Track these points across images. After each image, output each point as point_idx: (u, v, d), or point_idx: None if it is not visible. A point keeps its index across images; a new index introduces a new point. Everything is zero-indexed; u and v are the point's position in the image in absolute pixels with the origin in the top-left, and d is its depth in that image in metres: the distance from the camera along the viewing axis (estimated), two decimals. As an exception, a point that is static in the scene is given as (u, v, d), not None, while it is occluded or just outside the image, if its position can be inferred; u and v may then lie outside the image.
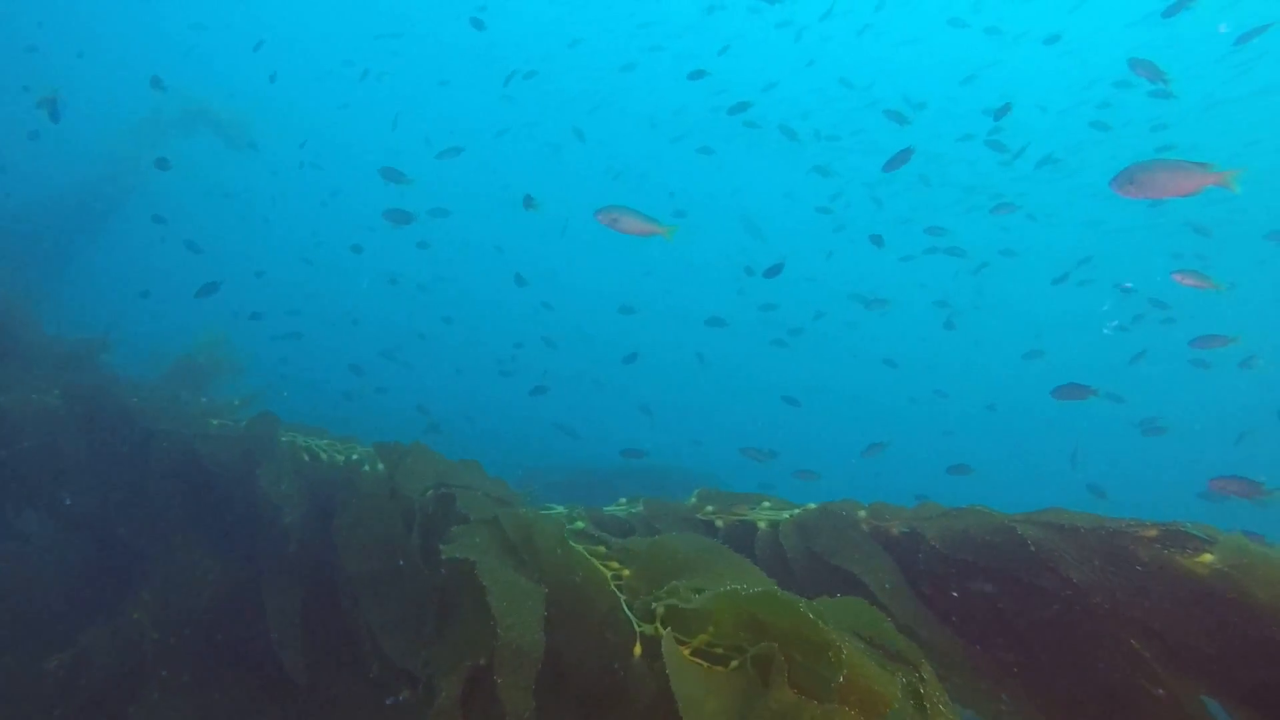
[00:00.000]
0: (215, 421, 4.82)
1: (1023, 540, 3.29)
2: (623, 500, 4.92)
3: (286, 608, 3.86)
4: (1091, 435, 26.29)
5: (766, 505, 4.38)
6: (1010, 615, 3.34)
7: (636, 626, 2.67)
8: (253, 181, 28.16)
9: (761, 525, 4.16)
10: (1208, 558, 2.90)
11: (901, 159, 7.03)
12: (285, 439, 4.60)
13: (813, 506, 4.16)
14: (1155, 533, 3.08)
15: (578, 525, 3.42)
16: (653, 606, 2.60)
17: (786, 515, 4.15)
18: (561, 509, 4.55)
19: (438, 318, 25.62)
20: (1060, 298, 24.95)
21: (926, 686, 1.98)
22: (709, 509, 4.45)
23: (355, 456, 4.59)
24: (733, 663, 2.14)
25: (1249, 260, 23.08)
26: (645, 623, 2.73)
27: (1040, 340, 27.65)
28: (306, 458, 4.69)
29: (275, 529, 4.12)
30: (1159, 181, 5.23)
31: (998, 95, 15.98)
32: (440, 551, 3.12)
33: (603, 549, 3.40)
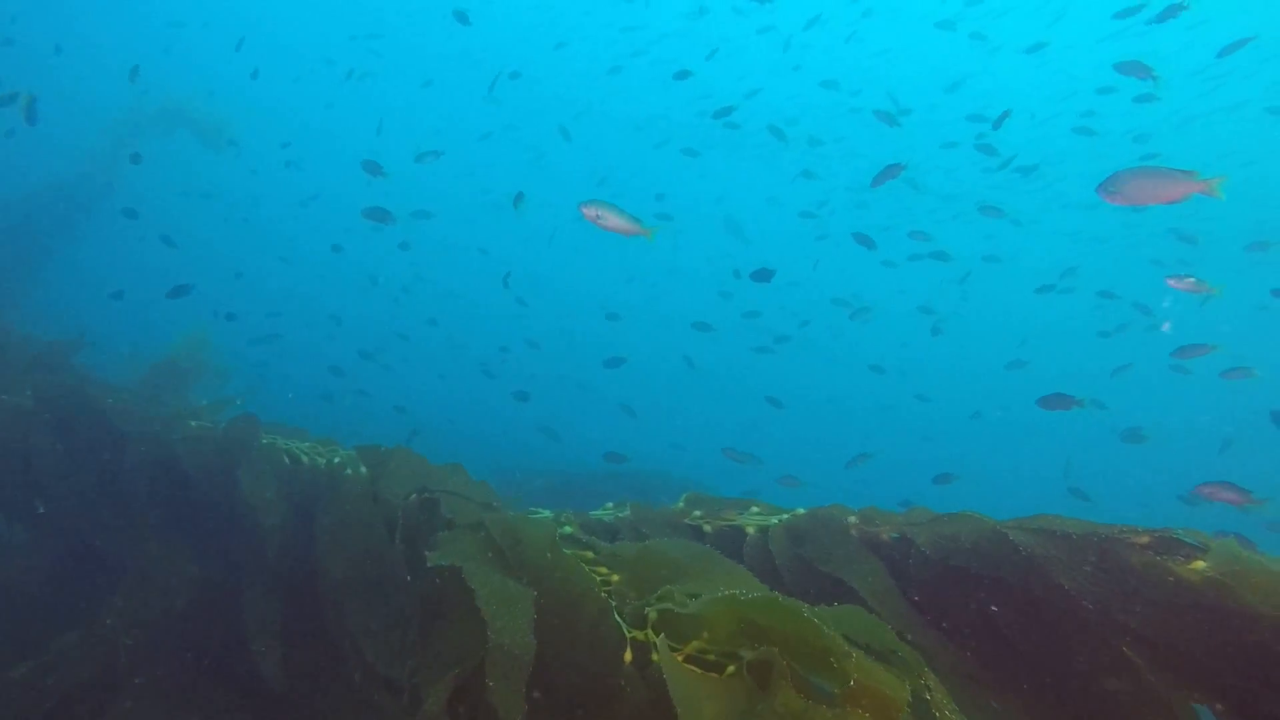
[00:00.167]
0: (194, 423, 4.71)
1: (1014, 546, 3.27)
2: (609, 505, 4.87)
3: (266, 613, 3.77)
4: (1073, 439, 26.51)
5: (755, 510, 4.34)
6: (1001, 621, 3.32)
7: (627, 632, 2.63)
8: (232, 181, 27.85)
9: (750, 530, 4.12)
10: (1200, 564, 2.89)
11: (889, 174, 7.06)
12: (266, 441, 4.50)
13: (802, 511, 4.13)
14: (1147, 539, 3.07)
15: (565, 530, 3.36)
16: (645, 611, 2.55)
17: (775, 520, 4.11)
18: (548, 513, 4.49)
19: (419, 319, 25.43)
20: (1044, 305, 25.21)
21: (933, 694, 1.94)
22: (697, 514, 4.41)
23: (337, 459, 4.50)
24: (729, 668, 2.10)
25: (1229, 271, 23.39)
26: (635, 628, 2.68)
27: (1024, 347, 27.94)
28: (287, 460, 4.60)
29: (255, 532, 4.03)
30: (1145, 188, 5.25)
31: (981, 103, 16.13)
32: (424, 557, 3.06)
33: (590, 554, 3.35)
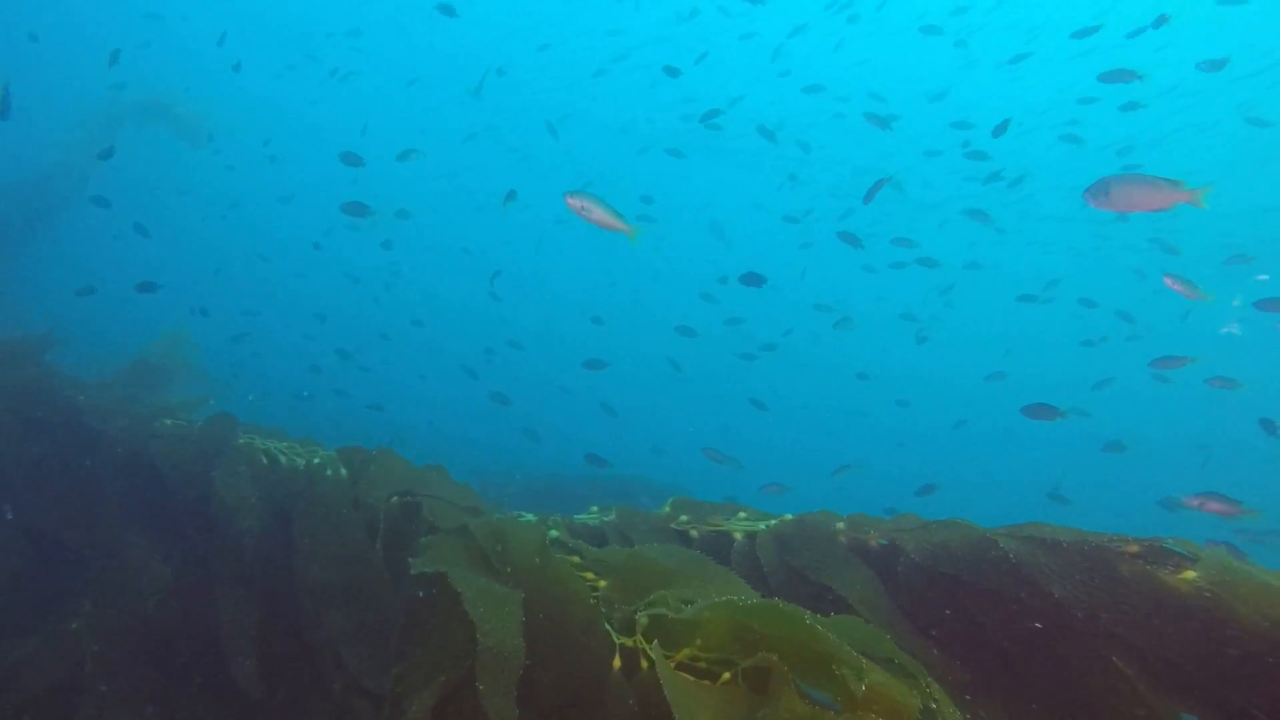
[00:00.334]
0: (169, 421, 4.60)
1: (1004, 554, 3.25)
2: (594, 508, 4.81)
3: (241, 617, 3.67)
4: (1054, 446, 26.74)
5: (742, 516, 4.30)
6: (990, 630, 3.29)
7: (616, 639, 2.57)
8: (211, 177, 27.45)
9: (738, 536, 4.08)
10: (1190, 574, 2.88)
11: (879, 187, 7.12)
12: (243, 440, 4.40)
13: (790, 518, 4.09)
14: (1137, 548, 3.06)
15: (552, 534, 3.29)
16: (636, 617, 2.50)
17: (763, 526, 4.07)
18: (531, 517, 4.42)
19: (400, 318, 25.23)
20: (1027, 314, 25.38)
21: (939, 703, 1.90)
22: (683, 518, 4.36)
23: (317, 460, 4.40)
24: (724, 675, 2.06)
25: (1209, 283, 23.68)
26: (624, 635, 2.63)
27: (1006, 354, 28.15)
28: (265, 460, 4.50)
29: (231, 534, 3.93)
30: (1131, 195, 5.28)
31: (964, 112, 16.24)
32: (407, 562, 2.99)
33: (577, 559, 3.29)
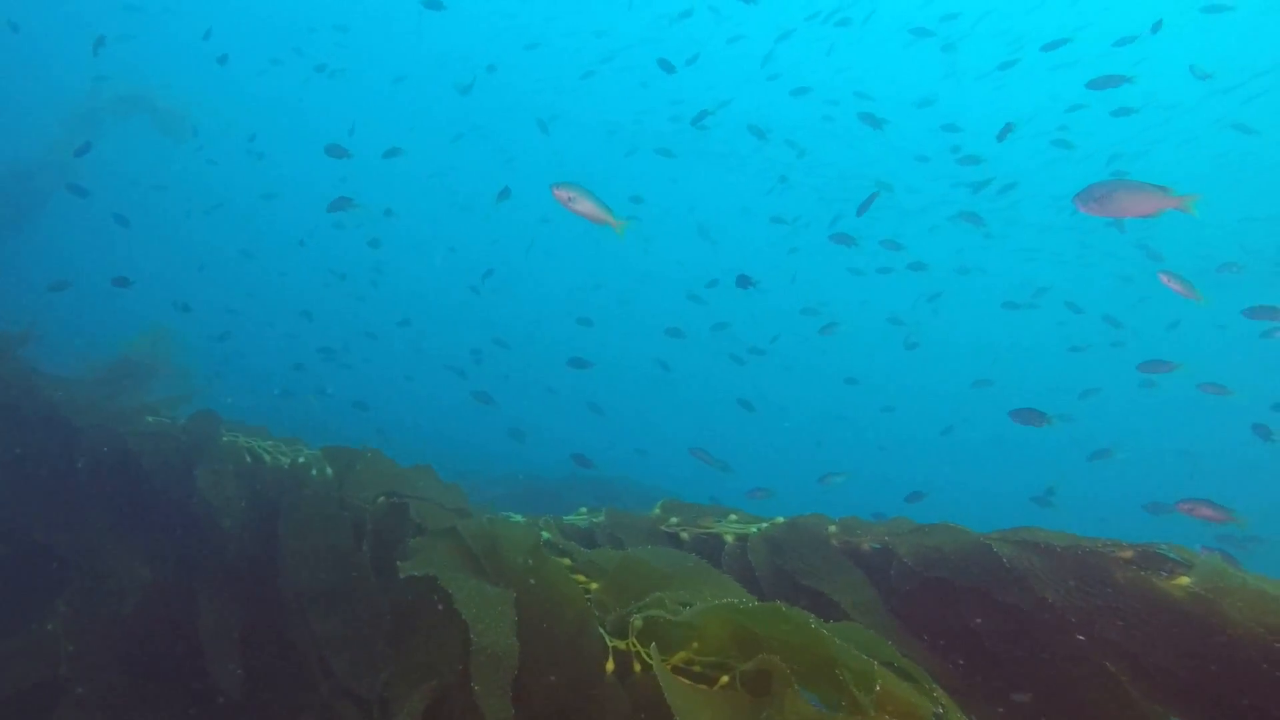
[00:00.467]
0: (150, 419, 4.51)
1: (997, 558, 3.23)
2: (583, 510, 4.77)
3: (223, 619, 3.59)
4: (1039, 450, 26.93)
5: (733, 519, 4.27)
6: (983, 634, 3.28)
7: (609, 642, 2.54)
8: (193, 172, 27.12)
9: (729, 539, 4.05)
10: (1184, 580, 2.87)
11: (872, 200, 7.18)
12: (227, 438, 4.32)
13: (781, 520, 4.07)
14: (1131, 554, 3.05)
15: (543, 535, 3.24)
16: (629, 620, 2.46)
17: (755, 529, 4.05)
18: (520, 518, 4.37)
19: (385, 316, 24.98)
20: (1013, 321, 25.59)
21: (947, 710, 1.88)
22: (673, 520, 4.33)
23: (302, 460, 4.33)
24: (722, 679, 2.04)
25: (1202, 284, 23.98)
26: (616, 638, 2.59)
27: (994, 361, 28.35)
28: (249, 459, 4.42)
29: (213, 533, 3.85)
30: (1120, 201, 5.29)
31: (951, 119, 16.32)
32: (394, 564, 2.94)
33: (568, 561, 3.25)
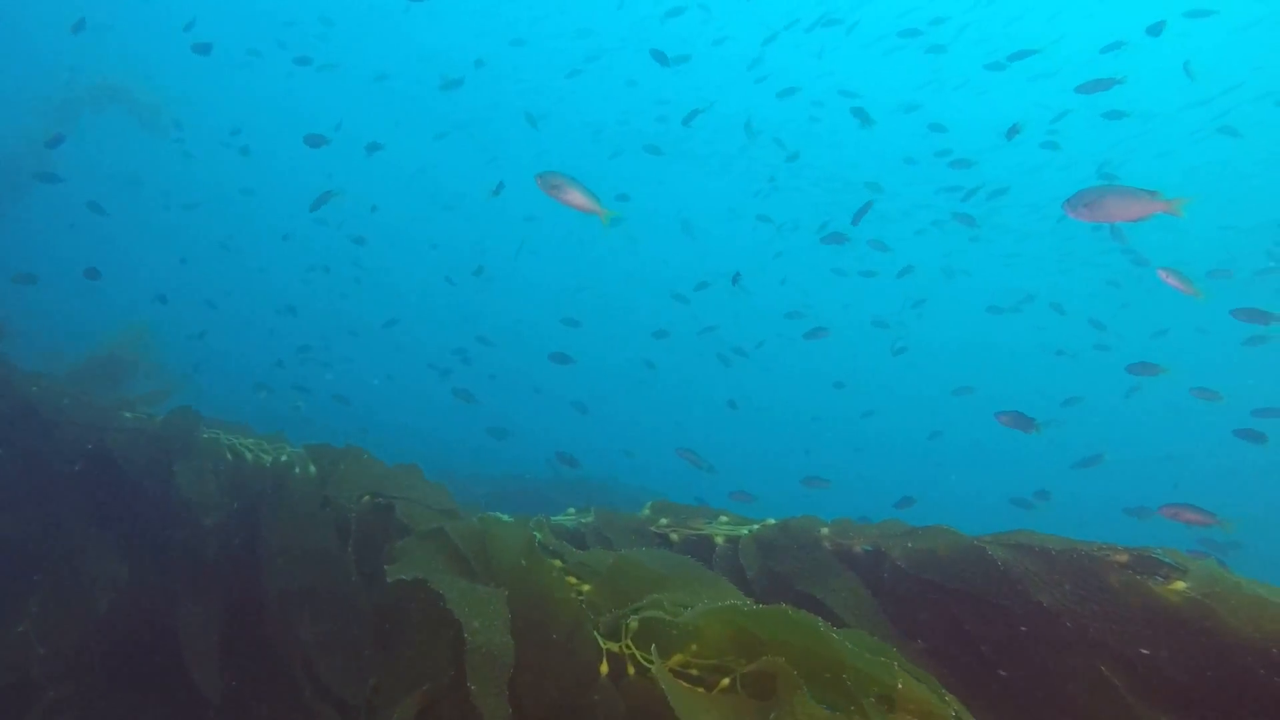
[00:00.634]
0: (129, 415, 4.40)
1: (992, 561, 3.21)
2: (571, 510, 4.72)
3: (203, 620, 3.50)
4: (1023, 454, 27.09)
5: (724, 520, 4.23)
6: (977, 638, 3.25)
7: (603, 644, 2.49)
8: (171, 167, 26.74)
9: (719, 541, 4.01)
10: (1180, 585, 2.86)
11: (866, 210, 7.24)
12: (207, 435, 4.22)
13: (772, 522, 4.03)
14: (1126, 558, 3.04)
15: (536, 536, 3.18)
16: (624, 622, 2.41)
17: (745, 531, 4.01)
18: (507, 518, 4.31)
19: (368, 313, 24.78)
20: (998, 324, 25.71)
21: (959, 714, 1.84)
22: (663, 522, 4.29)
23: (285, 458, 4.24)
24: (723, 681, 2.00)
25: (1175, 296, 24.28)
26: (609, 640, 2.54)
27: (982, 367, 28.46)
28: (230, 456, 4.32)
29: (193, 532, 3.76)
30: (1110, 206, 5.30)
31: (942, 126, 16.34)
32: (380, 565, 2.87)
33: (558, 563, 3.19)
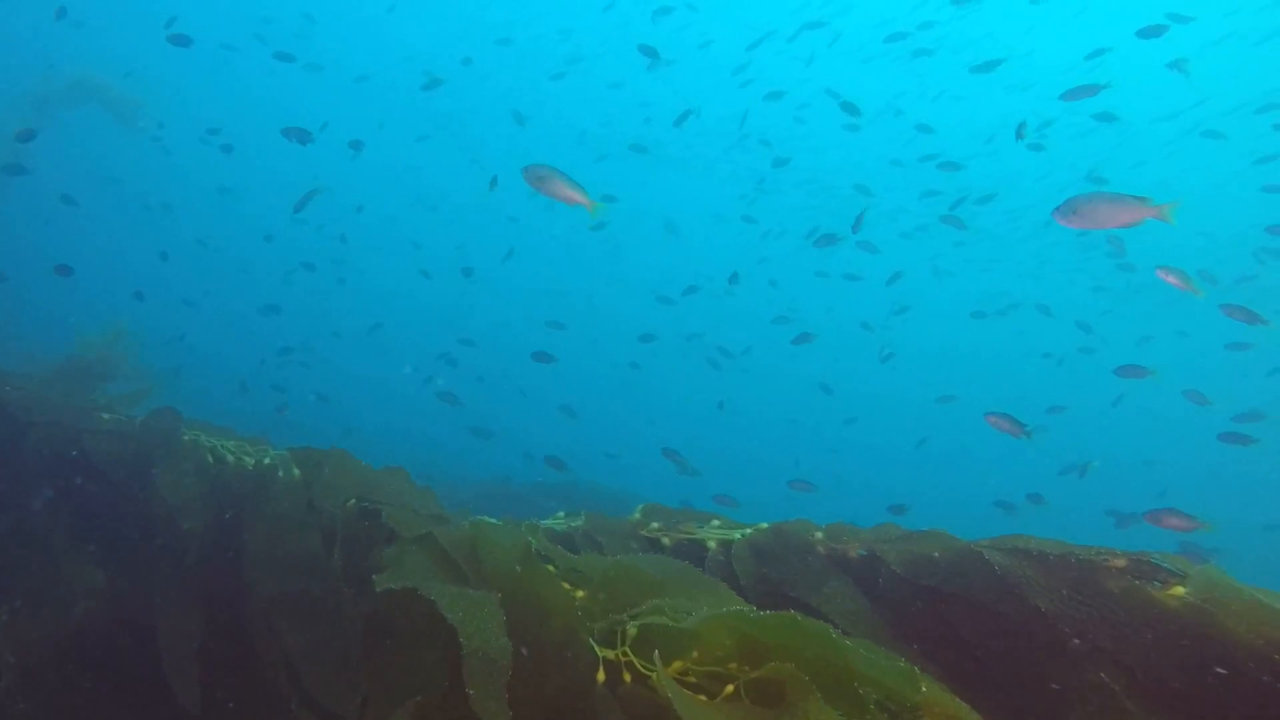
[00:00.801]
0: (106, 416, 4.28)
1: (989, 565, 3.18)
2: (560, 514, 4.66)
3: (183, 628, 3.40)
4: (1001, 453, 27.25)
5: (716, 524, 4.19)
6: (974, 643, 3.22)
7: (599, 652, 2.44)
8: (151, 164, 26.39)
9: (711, 545, 3.97)
10: (1179, 590, 2.84)
11: (862, 219, 7.26)
12: (188, 437, 4.12)
13: (765, 526, 3.99)
14: (1124, 562, 3.02)
15: (530, 541, 3.12)
16: (621, 629, 2.36)
17: (738, 535, 3.96)
18: (494, 522, 4.25)
19: (350, 314, 24.55)
20: (982, 329, 25.90)
21: None
22: (654, 525, 4.24)
23: (268, 460, 4.15)
24: (728, 688, 1.96)
25: (1158, 302, 24.71)
26: (605, 647, 2.50)
27: (969, 374, 28.59)
28: (211, 459, 4.23)
29: (173, 536, 3.66)
30: (1100, 212, 5.31)
31: (928, 131, 16.45)
32: (367, 572, 2.80)
33: (551, 568, 3.13)
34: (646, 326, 17.33)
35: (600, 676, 2.42)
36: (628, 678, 2.42)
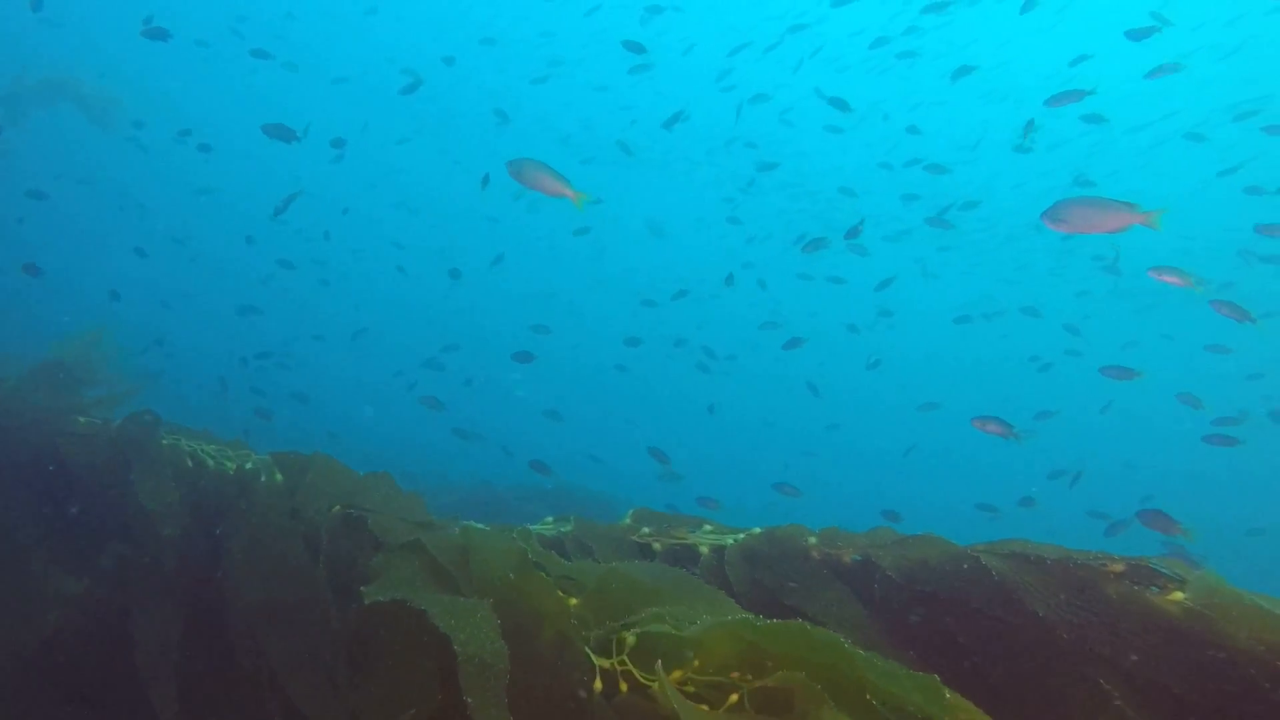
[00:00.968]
0: (82, 419, 4.17)
1: (986, 571, 3.15)
2: (549, 519, 4.60)
3: (161, 637, 3.30)
4: (987, 457, 27.41)
5: (708, 529, 4.14)
6: (971, 650, 3.19)
7: (595, 660, 2.38)
8: (133, 165, 25.98)
9: (703, 551, 3.92)
10: (1179, 596, 2.82)
11: (859, 229, 7.28)
12: (167, 441, 4.02)
13: (758, 531, 3.95)
14: (1122, 568, 2.99)
15: (524, 548, 3.05)
16: (617, 637, 2.30)
17: (730, 540, 3.91)
18: (484, 528, 4.17)
19: (332, 316, 24.30)
20: (967, 335, 26.05)
21: None
22: (645, 531, 4.18)
23: (249, 465, 4.05)
24: (732, 698, 1.91)
25: (1150, 301, 24.99)
26: (600, 655, 2.44)
27: (946, 373, 28.70)
28: (190, 463, 4.12)
29: (151, 543, 3.55)
30: (1087, 217, 5.32)
31: (917, 136, 16.55)
32: (352, 581, 2.73)
33: (542, 575, 3.07)
34: (631, 329, 17.29)
35: (598, 686, 2.36)
36: (624, 687, 2.37)
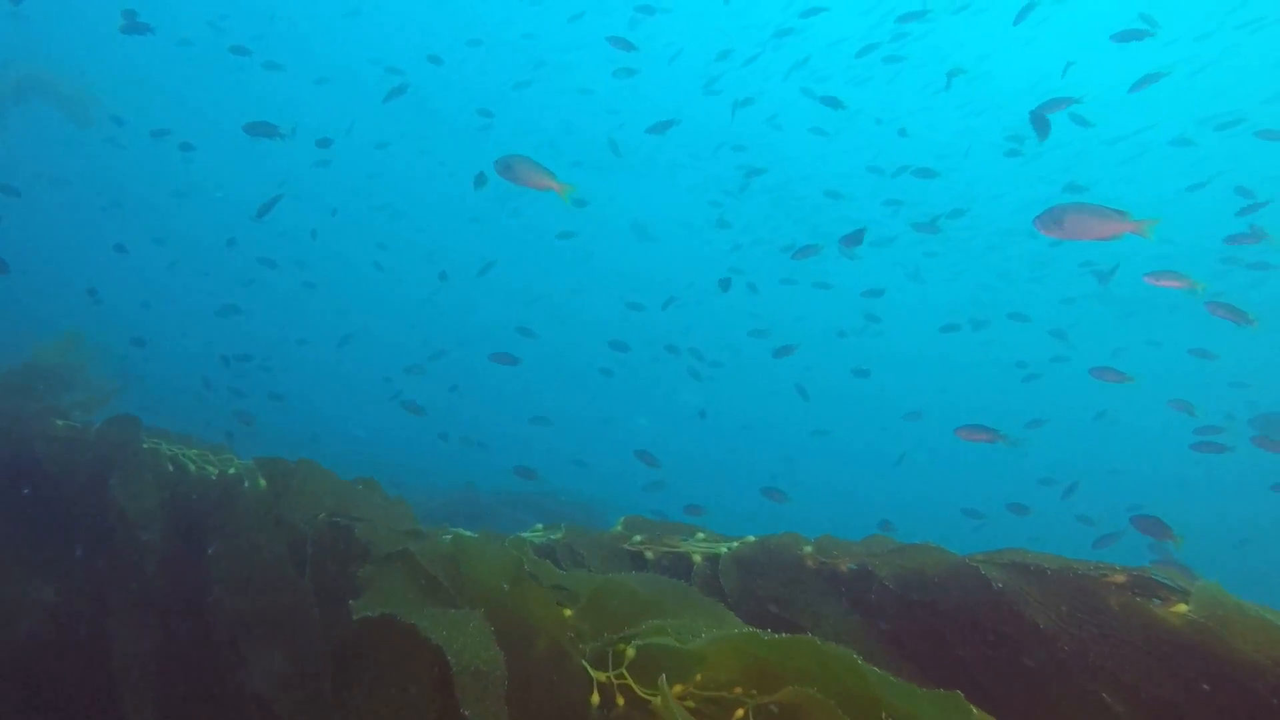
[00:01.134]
0: (60, 423, 4.05)
1: (985, 581, 3.11)
2: (539, 526, 4.52)
3: (139, 648, 3.20)
4: (975, 461, 27.49)
5: (701, 537, 4.07)
6: (969, 661, 3.14)
7: (591, 674, 2.31)
8: (116, 164, 25.62)
9: (696, 559, 3.85)
10: (1182, 608, 2.78)
11: (858, 237, 7.25)
12: (147, 445, 3.91)
13: (752, 539, 3.89)
14: (1123, 579, 2.96)
15: (519, 557, 2.98)
16: (622, 649, 2.24)
17: (724, 549, 3.85)
18: (474, 536, 4.09)
19: (316, 320, 24.09)
20: (955, 342, 26.11)
21: None
22: (637, 539, 4.11)
23: (232, 471, 3.95)
24: (738, 713, 1.85)
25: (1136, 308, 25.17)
26: (597, 669, 2.37)
27: (933, 378, 28.77)
28: (171, 468, 4.01)
29: (130, 550, 3.45)
30: (1080, 224, 5.30)
31: (909, 143, 16.60)
32: (338, 591, 2.65)
33: (537, 586, 2.99)
34: (617, 333, 17.21)
35: (595, 699, 2.30)
36: (621, 701, 2.30)
